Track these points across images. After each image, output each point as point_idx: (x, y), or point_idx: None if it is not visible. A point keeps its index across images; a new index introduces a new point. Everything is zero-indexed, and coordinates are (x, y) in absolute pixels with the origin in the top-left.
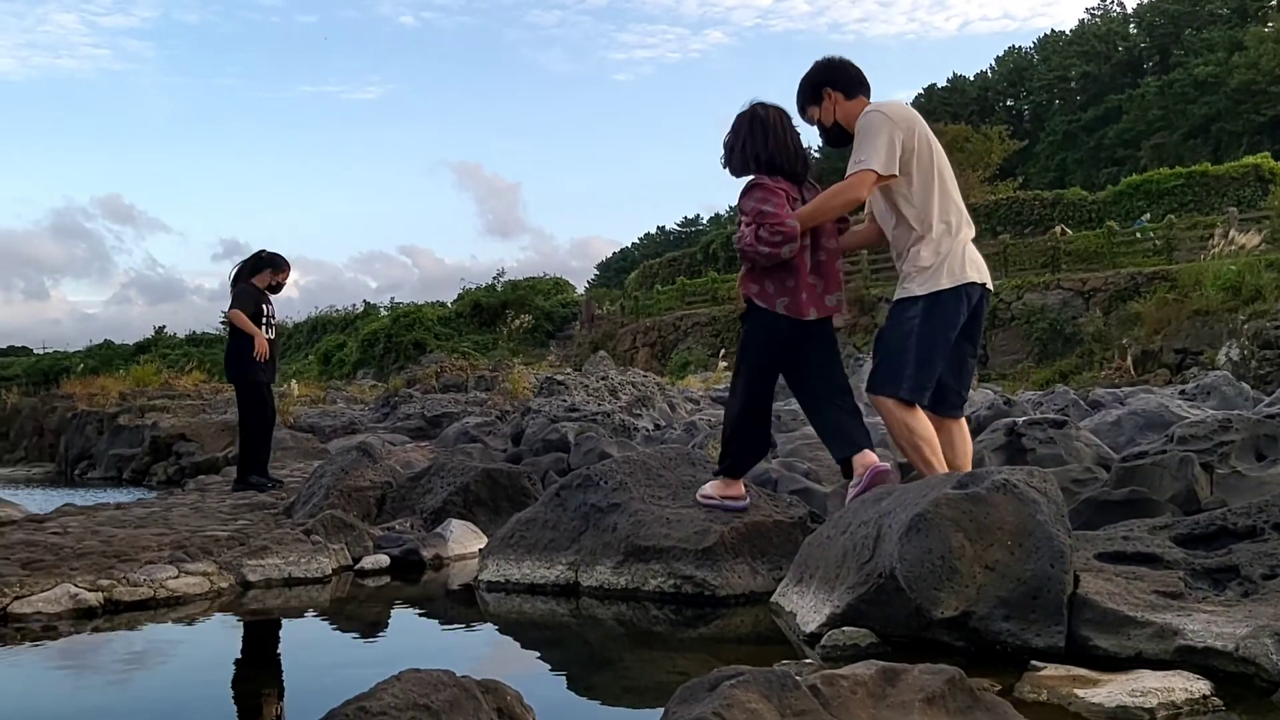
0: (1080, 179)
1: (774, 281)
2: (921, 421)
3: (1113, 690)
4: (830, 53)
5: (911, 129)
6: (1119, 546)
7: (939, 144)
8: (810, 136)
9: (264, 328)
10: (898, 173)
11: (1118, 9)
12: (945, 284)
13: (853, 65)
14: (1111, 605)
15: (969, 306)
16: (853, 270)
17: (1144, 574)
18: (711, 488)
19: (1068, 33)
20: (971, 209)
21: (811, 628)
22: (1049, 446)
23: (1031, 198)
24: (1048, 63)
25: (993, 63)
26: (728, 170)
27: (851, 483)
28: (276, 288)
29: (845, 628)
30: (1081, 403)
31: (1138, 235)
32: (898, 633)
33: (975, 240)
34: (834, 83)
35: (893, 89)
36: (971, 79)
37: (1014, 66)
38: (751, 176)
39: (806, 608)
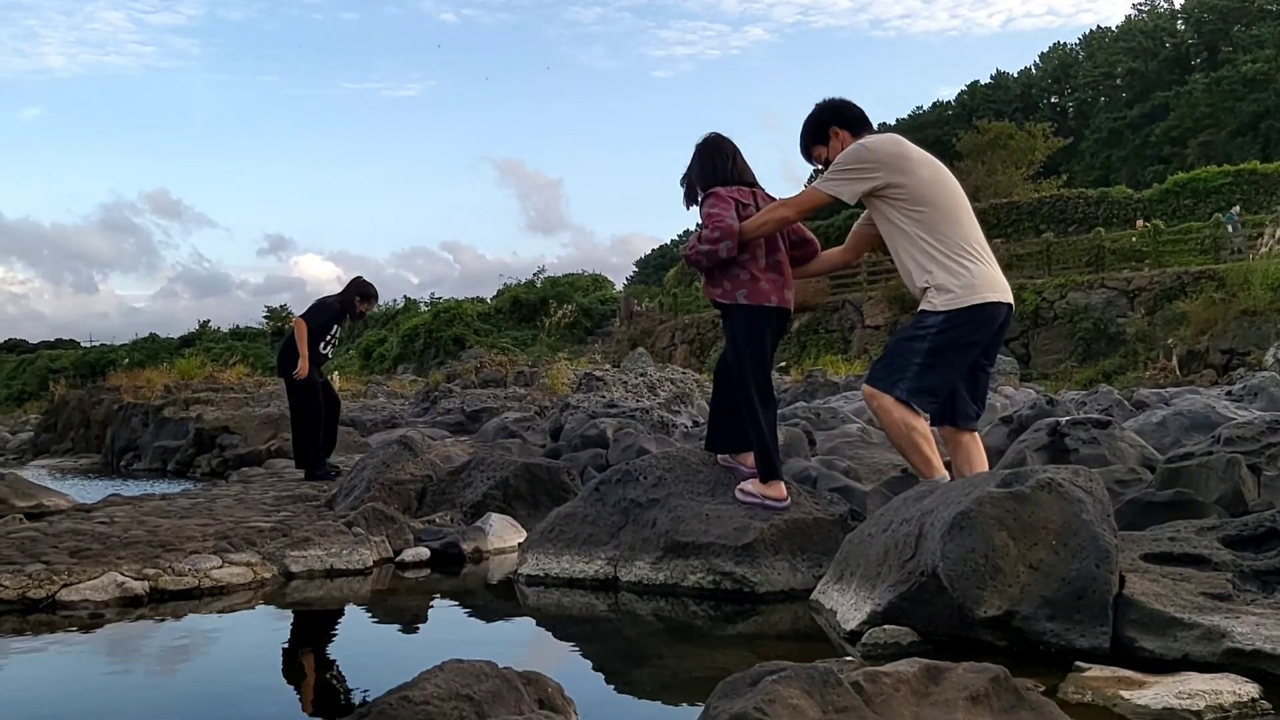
0: (1125, 177)
1: (729, 278)
2: (920, 419)
3: (1159, 692)
4: (872, 50)
5: (900, 166)
6: (1165, 547)
7: (951, 176)
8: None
9: (325, 344)
10: (851, 202)
11: (1165, 4)
12: (969, 300)
13: (856, 105)
14: (1158, 606)
15: (995, 325)
16: (890, 270)
17: (1191, 575)
18: (752, 484)
19: (1114, 29)
20: (1014, 207)
21: (852, 625)
22: (1092, 447)
23: (1076, 195)
24: (1093, 59)
25: (1037, 59)
26: (686, 198)
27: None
28: (360, 315)
29: (886, 625)
30: (1126, 403)
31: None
32: (940, 632)
33: (1017, 238)
34: (840, 121)
35: (935, 86)
36: (1015, 75)
37: (1059, 63)
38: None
39: (847, 605)
